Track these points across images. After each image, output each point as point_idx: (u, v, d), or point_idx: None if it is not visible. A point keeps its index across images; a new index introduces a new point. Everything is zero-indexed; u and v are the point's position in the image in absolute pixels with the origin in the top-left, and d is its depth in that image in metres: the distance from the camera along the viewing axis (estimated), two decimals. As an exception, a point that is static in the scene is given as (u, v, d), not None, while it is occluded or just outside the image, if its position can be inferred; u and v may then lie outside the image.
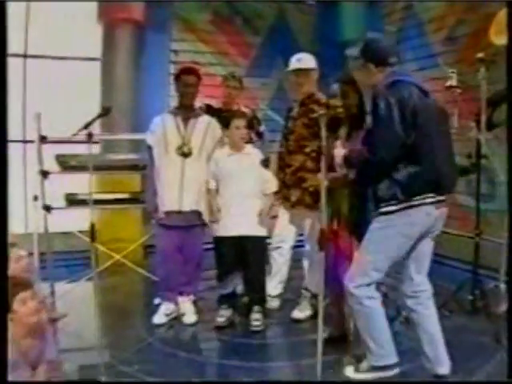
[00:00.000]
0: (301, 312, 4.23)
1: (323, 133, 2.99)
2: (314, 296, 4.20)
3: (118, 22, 6.47)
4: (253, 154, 4.08)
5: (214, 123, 4.22)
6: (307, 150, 4.10)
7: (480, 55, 3.80)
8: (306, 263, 4.33)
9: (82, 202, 4.82)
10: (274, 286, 4.41)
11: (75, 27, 6.47)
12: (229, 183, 3.98)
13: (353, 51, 3.10)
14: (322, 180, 3.01)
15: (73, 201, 5.03)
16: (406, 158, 2.84)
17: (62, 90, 6.40)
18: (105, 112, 3.45)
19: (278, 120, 4.61)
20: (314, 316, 4.12)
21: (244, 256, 4.01)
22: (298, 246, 4.55)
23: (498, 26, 4.47)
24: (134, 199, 5.15)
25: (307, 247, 4.29)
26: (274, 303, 4.43)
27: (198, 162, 4.06)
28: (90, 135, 3.20)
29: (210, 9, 7.30)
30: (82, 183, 5.27)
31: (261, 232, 4.01)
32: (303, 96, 4.17)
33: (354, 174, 3.17)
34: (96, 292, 3.52)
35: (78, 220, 5.30)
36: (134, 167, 5.11)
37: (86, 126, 3.21)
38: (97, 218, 6.13)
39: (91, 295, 4.85)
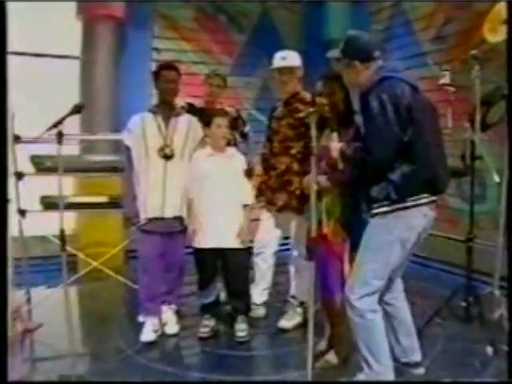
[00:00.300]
0: (288, 321, 4.05)
1: (313, 132, 2.81)
2: (302, 304, 4.04)
3: (97, 18, 6.24)
4: (235, 157, 3.87)
5: (196, 122, 4.01)
6: (293, 151, 3.92)
7: (474, 52, 3.64)
8: (292, 269, 4.15)
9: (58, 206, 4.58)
10: (258, 293, 4.22)
11: (53, 24, 6.24)
12: (207, 185, 3.73)
13: (333, 53, 2.97)
14: (312, 183, 2.83)
15: (48, 204, 4.79)
16: (400, 156, 2.74)
17: (39, 88, 6.17)
18: (76, 109, 3.21)
19: (263, 120, 4.45)
20: (303, 325, 3.99)
21: (225, 265, 3.81)
22: (283, 250, 4.38)
23: (491, 23, 4.33)
24: (113, 203, 4.90)
25: (293, 253, 4.11)
26: (259, 311, 4.24)
27: (180, 164, 3.83)
28: (59, 134, 3.02)
29: (194, 6, 7.13)
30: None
31: (238, 244, 3.79)
32: (287, 95, 3.99)
33: (348, 174, 3.01)
34: (68, 300, 3.29)
35: (56, 223, 5.11)
36: (114, 169, 4.85)
37: (56, 125, 3.04)
38: (76, 221, 6.13)
39: (69, 302, 4.77)
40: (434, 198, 2.84)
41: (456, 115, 4.18)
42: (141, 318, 3.98)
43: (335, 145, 2.99)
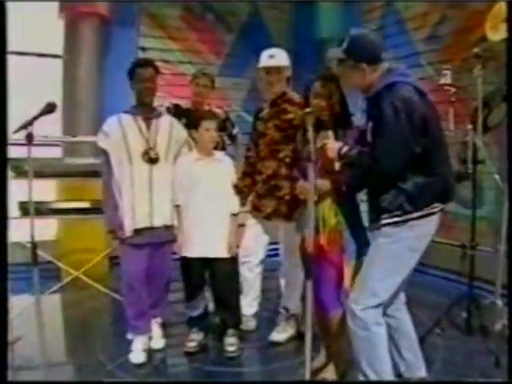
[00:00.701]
0: (280, 334, 3.85)
1: (310, 134, 2.60)
2: (294, 316, 3.86)
3: (81, 16, 6.02)
4: (224, 161, 3.66)
5: (177, 123, 3.76)
6: (281, 155, 3.71)
7: (475, 50, 3.47)
8: (282, 280, 3.95)
9: (37, 212, 4.37)
10: (248, 304, 4.01)
11: (35, 21, 6.02)
12: (194, 192, 3.51)
13: (336, 53, 2.75)
14: (310, 191, 2.62)
15: (27, 209, 4.54)
16: (413, 166, 2.59)
17: (20, 88, 5.93)
18: (48, 109, 2.99)
19: (251, 122, 4.25)
20: (296, 337, 3.81)
21: (213, 275, 3.61)
22: (271, 256, 4.18)
23: (493, 20, 4.16)
24: (97, 208, 4.66)
25: (284, 263, 3.92)
26: (249, 323, 4.03)
27: (165, 167, 3.58)
28: (29, 136, 2.82)
29: (181, 4, 6.93)
30: (40, 190, 4.89)
31: (227, 253, 3.59)
32: (274, 95, 3.78)
33: (345, 177, 2.83)
34: (46, 311, 3.08)
35: (38, 229, 4.96)
36: (96, 173, 4.58)
37: (25, 126, 2.83)
38: (58, 226, 5.90)
39: (50, 312, 4.57)
40: (443, 206, 2.71)
41: (455, 117, 4.01)
42: (129, 336, 3.70)
43: (332, 144, 2.81)
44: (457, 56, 5.42)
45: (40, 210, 4.44)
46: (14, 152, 4.54)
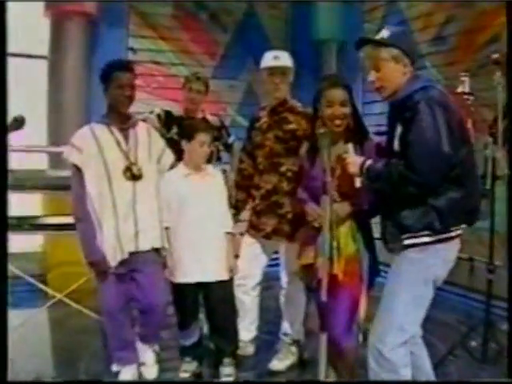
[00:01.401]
0: (280, 362, 3.54)
1: (326, 159, 2.30)
2: (296, 342, 3.56)
3: (67, 15, 5.77)
4: (216, 175, 3.35)
5: (154, 131, 3.39)
6: (282, 168, 3.40)
7: (495, 56, 3.20)
8: (283, 303, 3.64)
9: (19, 228, 4.09)
10: (245, 329, 3.67)
11: (19, 20, 5.70)
12: (184, 211, 3.19)
13: (378, 35, 2.46)
14: (326, 215, 2.32)
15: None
16: (447, 180, 2.32)
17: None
18: (16, 125, 2.55)
19: (246, 131, 3.97)
20: (297, 365, 3.54)
21: (208, 300, 3.30)
22: (272, 265, 3.80)
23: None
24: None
25: (284, 285, 3.62)
26: (247, 349, 3.70)
27: (150, 183, 3.20)
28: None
29: (172, 3, 6.68)
30: (23, 204, 4.61)
31: (223, 276, 3.28)
32: (275, 102, 3.47)
33: (373, 195, 2.55)
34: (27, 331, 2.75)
35: (22, 243, 4.97)
36: None
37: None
38: (44, 238, 5.61)
39: (36, 330, 4.29)
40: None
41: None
42: (114, 368, 3.32)
43: (353, 158, 2.53)
44: (464, 58, 5.19)
45: (22, 225, 4.12)
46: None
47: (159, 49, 6.60)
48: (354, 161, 2.51)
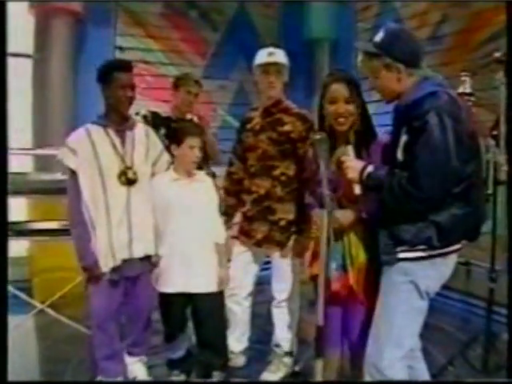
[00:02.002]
0: (272, 374, 3.38)
1: (323, 167, 2.14)
2: (288, 353, 3.42)
3: (52, 12, 5.65)
4: (205, 181, 3.17)
5: (152, 133, 3.25)
6: (276, 172, 3.24)
7: (498, 55, 3.06)
8: (275, 314, 3.49)
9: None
10: (236, 340, 3.51)
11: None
12: (171, 217, 3.03)
13: (366, 46, 2.33)
14: (324, 229, 2.17)
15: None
16: (452, 194, 2.18)
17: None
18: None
19: (237, 132, 3.83)
20: (290, 376, 3.40)
21: (196, 313, 3.14)
22: (264, 269, 3.62)
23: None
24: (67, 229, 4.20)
25: (276, 296, 3.44)
26: (238, 360, 3.54)
27: (145, 188, 3.08)
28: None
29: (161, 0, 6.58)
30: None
31: (213, 287, 3.11)
32: (269, 102, 3.31)
33: (371, 205, 2.40)
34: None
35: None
36: (65, 190, 4.11)
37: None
38: (30, 242, 5.45)
39: (21, 338, 4.14)
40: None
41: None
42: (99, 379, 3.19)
43: (352, 162, 2.38)
44: (460, 58, 5.10)
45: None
46: None
47: (148, 48, 6.50)
48: (354, 165, 2.35)
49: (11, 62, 5.68)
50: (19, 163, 5.44)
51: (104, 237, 2.98)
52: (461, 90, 3.22)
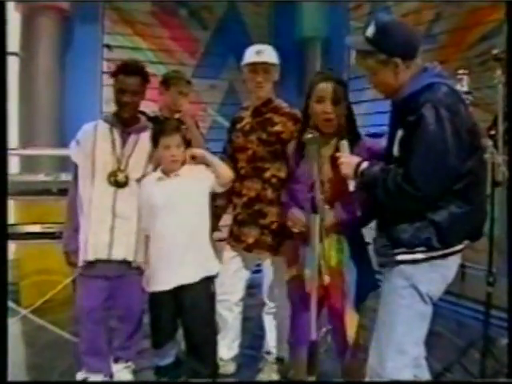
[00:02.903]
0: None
1: (316, 168, 2.05)
2: (279, 360, 3.33)
3: (39, 10, 5.54)
4: (194, 171, 3.00)
5: None
6: (267, 174, 3.14)
7: (496, 52, 2.97)
8: (266, 321, 3.41)
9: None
10: (227, 346, 3.41)
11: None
12: (155, 217, 2.92)
13: (359, 42, 2.23)
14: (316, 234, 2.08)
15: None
16: (451, 193, 2.09)
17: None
18: None
19: (227, 133, 3.74)
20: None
21: (185, 317, 3.02)
22: (254, 272, 3.54)
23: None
24: (51, 233, 4.07)
25: (268, 302, 3.39)
26: (228, 368, 3.44)
27: (134, 193, 3.00)
28: None
29: (150, -1, 6.50)
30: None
31: (204, 273, 2.97)
32: (258, 102, 3.21)
33: (365, 202, 2.33)
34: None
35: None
36: (61, 191, 3.93)
37: None
38: (19, 246, 5.34)
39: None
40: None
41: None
42: (80, 375, 3.14)
43: (347, 158, 2.30)
44: (455, 56, 5.04)
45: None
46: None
47: (136, 46, 6.38)
48: (349, 161, 2.28)
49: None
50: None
51: (84, 231, 3.01)
52: (458, 87, 3.13)
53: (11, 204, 4.94)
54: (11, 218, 4.87)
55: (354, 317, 2.53)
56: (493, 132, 3.03)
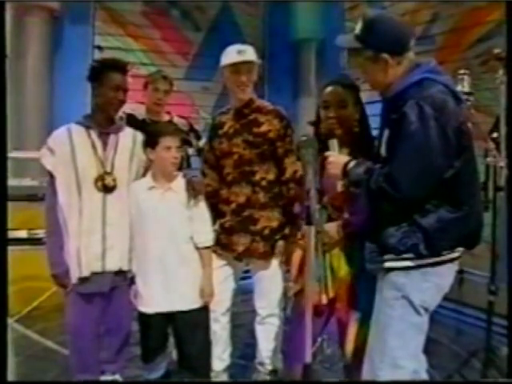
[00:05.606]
0: (257, 394, 3.19)
1: (310, 175, 1.93)
2: (273, 372, 3.20)
3: (28, 9, 5.51)
4: (184, 191, 2.90)
5: (140, 138, 3.02)
6: (256, 177, 3.01)
7: (497, 51, 2.87)
8: (258, 331, 3.29)
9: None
10: (218, 357, 3.23)
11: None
12: (146, 229, 2.82)
13: (348, 41, 2.17)
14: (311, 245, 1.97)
15: None
16: (437, 196, 1.99)
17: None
18: None
19: (207, 138, 3.67)
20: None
21: (179, 332, 2.91)
22: (244, 278, 3.44)
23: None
24: (35, 239, 3.95)
25: (259, 311, 3.23)
26: (220, 379, 3.33)
27: (124, 197, 2.88)
28: None
29: (142, -1, 6.44)
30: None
31: (197, 303, 2.90)
32: (239, 104, 3.08)
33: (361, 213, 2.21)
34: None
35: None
36: (32, 196, 3.95)
37: None
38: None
39: None
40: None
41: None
42: None
43: (336, 158, 2.21)
44: (452, 57, 4.97)
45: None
46: None
47: (128, 47, 6.29)
48: (337, 160, 2.18)
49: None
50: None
51: (74, 245, 2.80)
52: (459, 88, 3.02)
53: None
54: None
55: (357, 330, 2.41)
56: (495, 135, 2.92)
